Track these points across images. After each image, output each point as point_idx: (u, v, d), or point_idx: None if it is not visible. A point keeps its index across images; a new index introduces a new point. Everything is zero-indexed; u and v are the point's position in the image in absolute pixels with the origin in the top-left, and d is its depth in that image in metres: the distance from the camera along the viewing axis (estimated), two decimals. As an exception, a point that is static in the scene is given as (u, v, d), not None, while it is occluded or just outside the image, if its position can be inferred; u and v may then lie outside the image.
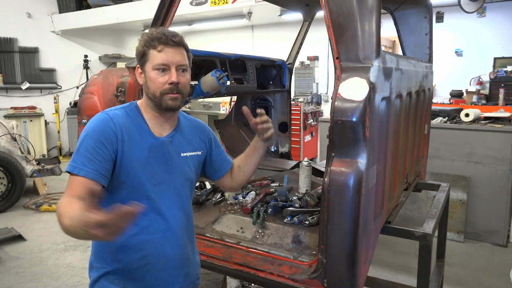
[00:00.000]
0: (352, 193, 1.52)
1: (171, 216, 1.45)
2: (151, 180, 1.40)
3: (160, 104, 1.40)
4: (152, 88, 1.40)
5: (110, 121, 1.36)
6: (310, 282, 1.70)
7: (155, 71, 1.38)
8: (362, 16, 1.57)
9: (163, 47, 1.38)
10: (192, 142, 1.56)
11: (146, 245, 1.41)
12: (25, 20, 8.23)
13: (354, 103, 1.50)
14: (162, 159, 1.43)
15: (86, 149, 1.31)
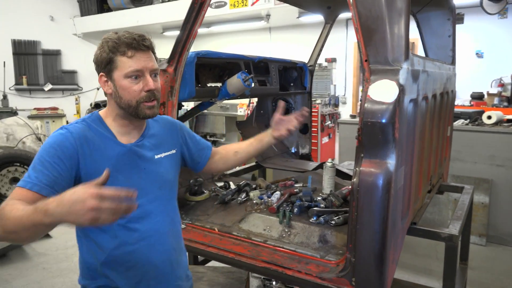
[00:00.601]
0: (382, 193, 1.54)
1: (153, 223, 1.41)
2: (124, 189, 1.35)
3: (137, 114, 1.33)
4: (126, 97, 1.31)
5: (69, 136, 1.28)
6: (338, 280, 1.72)
7: (127, 79, 1.30)
8: (391, 19, 1.60)
9: (134, 52, 1.29)
10: (164, 142, 1.51)
11: (131, 256, 1.36)
12: (48, 23, 8.45)
13: (384, 104, 1.53)
14: (133, 165, 1.38)
15: (41, 164, 1.23)
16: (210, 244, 2.13)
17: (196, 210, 2.43)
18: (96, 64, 1.34)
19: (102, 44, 1.32)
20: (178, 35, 2.16)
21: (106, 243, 1.35)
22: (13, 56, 8.14)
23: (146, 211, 1.39)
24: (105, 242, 1.35)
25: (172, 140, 1.56)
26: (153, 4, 7.43)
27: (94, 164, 1.30)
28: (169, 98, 2.20)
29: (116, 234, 1.34)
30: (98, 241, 1.35)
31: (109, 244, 1.34)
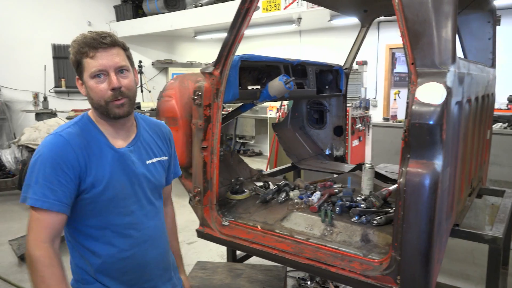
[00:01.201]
0: (429, 193, 1.58)
1: (146, 228, 1.42)
2: (119, 195, 1.34)
3: (108, 113, 1.32)
4: (95, 98, 1.30)
5: (67, 143, 1.27)
6: (382, 278, 1.77)
7: (93, 80, 1.29)
8: (439, 23, 1.63)
9: (95, 52, 1.27)
10: (156, 148, 1.50)
11: (126, 261, 1.37)
12: (86, 28, 8.75)
13: (432, 106, 1.57)
14: (126, 171, 1.37)
15: (45, 178, 1.23)
16: (253, 241, 2.21)
17: (238, 208, 2.52)
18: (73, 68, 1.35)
19: (71, 47, 1.33)
20: (224, 39, 2.25)
21: (101, 251, 1.34)
22: (53, 60, 8.51)
23: (140, 217, 1.40)
24: (100, 250, 1.34)
25: (164, 147, 1.55)
26: (186, 8, 7.62)
27: (92, 171, 1.30)
28: (214, 100, 2.30)
29: (111, 241, 1.34)
30: (92, 248, 1.35)
31: (104, 251, 1.34)
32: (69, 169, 1.26)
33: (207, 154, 2.34)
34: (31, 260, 1.21)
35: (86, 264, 1.36)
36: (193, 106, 2.35)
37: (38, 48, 8.28)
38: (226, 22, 7.03)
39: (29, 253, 1.22)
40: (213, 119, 2.31)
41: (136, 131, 1.46)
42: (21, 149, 5.75)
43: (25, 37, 8.11)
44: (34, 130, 5.85)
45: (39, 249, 1.21)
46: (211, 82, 2.29)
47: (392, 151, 4.86)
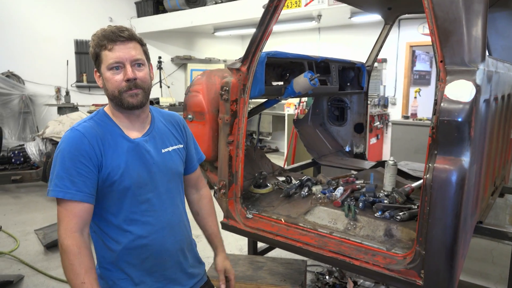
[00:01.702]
0: (456, 189, 1.60)
1: (164, 215, 1.45)
2: (137, 184, 1.38)
3: (122, 103, 1.36)
4: (110, 88, 1.36)
5: (83, 137, 1.33)
6: (406, 272, 1.80)
7: (110, 71, 1.34)
8: (469, 21, 1.65)
9: (113, 45, 1.32)
10: (171, 137, 1.54)
11: (145, 248, 1.41)
12: (107, 24, 8.78)
13: (461, 104, 1.59)
14: (142, 160, 1.41)
15: (65, 171, 1.29)
16: (278, 233, 2.26)
17: (262, 202, 2.58)
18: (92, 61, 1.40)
19: (91, 41, 1.38)
20: (252, 35, 2.30)
21: (120, 237, 1.39)
22: (75, 55, 8.68)
23: (157, 205, 1.44)
24: (120, 236, 1.39)
25: (178, 135, 1.59)
26: (206, 5, 7.68)
27: (109, 162, 1.35)
28: (241, 95, 2.35)
29: (129, 228, 1.39)
30: (112, 235, 1.40)
31: (124, 238, 1.39)
32: (87, 160, 1.32)
33: (233, 148, 2.39)
34: (62, 249, 1.27)
35: (108, 251, 1.41)
36: (220, 101, 2.41)
37: (61, 43, 8.46)
38: (246, 19, 7.12)
39: (60, 242, 1.28)
40: (239, 114, 2.36)
41: (151, 122, 1.51)
42: (45, 142, 5.91)
43: (48, 33, 8.30)
44: (58, 124, 6.01)
45: (68, 239, 1.27)
46: (238, 78, 2.35)
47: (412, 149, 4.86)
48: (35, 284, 3.38)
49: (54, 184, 1.30)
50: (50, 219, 4.79)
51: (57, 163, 1.31)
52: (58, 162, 1.31)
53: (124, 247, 1.39)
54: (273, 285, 2.40)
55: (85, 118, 1.43)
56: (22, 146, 6.05)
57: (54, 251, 3.98)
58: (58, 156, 1.32)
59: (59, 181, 1.29)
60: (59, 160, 1.31)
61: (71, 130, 1.36)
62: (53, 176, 1.31)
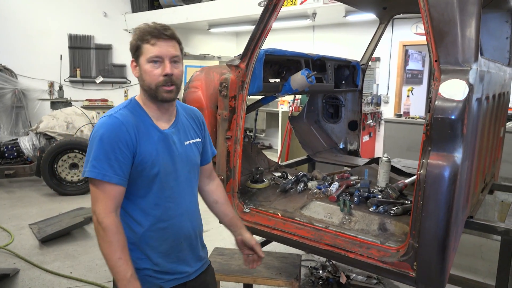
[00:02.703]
0: (448, 184, 1.67)
1: (183, 202, 1.57)
2: (163, 172, 1.49)
3: (156, 96, 1.46)
4: (148, 80, 1.44)
5: (121, 124, 1.41)
6: (399, 264, 1.86)
7: (149, 64, 1.43)
8: (463, 22, 1.71)
9: (156, 40, 1.41)
10: (191, 130, 1.65)
11: (165, 231, 1.52)
12: (101, 19, 8.90)
13: (455, 102, 1.65)
14: (169, 150, 1.51)
15: (106, 156, 1.38)
16: (274, 227, 2.31)
17: (259, 197, 2.62)
18: (130, 51, 1.49)
19: (133, 33, 1.48)
20: (251, 33, 2.34)
21: (144, 220, 1.50)
22: (69, 49, 8.64)
23: (178, 192, 1.56)
24: (143, 219, 1.50)
25: (197, 129, 1.69)
26: (201, 1, 7.69)
27: (143, 149, 1.45)
28: (240, 91, 2.39)
29: (153, 212, 1.50)
30: (136, 217, 1.50)
31: (147, 221, 1.50)
32: (124, 146, 1.41)
33: (231, 144, 2.44)
34: (101, 228, 1.37)
35: (131, 232, 1.50)
36: (219, 97, 2.45)
37: (54, 38, 8.42)
38: (241, 16, 7.15)
39: (99, 221, 1.38)
40: (237, 110, 2.41)
41: (175, 115, 1.61)
42: (39, 136, 5.90)
43: (42, 27, 8.25)
44: (52, 118, 5.99)
45: (107, 218, 1.38)
46: (237, 75, 2.39)
47: (404, 146, 4.94)
48: (31, 277, 3.40)
49: (92, 165, 1.38)
50: (45, 214, 4.80)
51: (95, 146, 1.39)
52: (97, 145, 1.39)
53: (147, 229, 1.50)
54: (268, 278, 2.45)
55: (119, 106, 1.52)
56: (16, 141, 6.03)
57: (49, 245, 4.00)
58: (96, 139, 1.40)
59: (97, 163, 1.38)
60: (98, 144, 1.39)
61: (109, 117, 1.44)
62: (89, 158, 1.40)
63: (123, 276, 1.37)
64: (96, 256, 3.81)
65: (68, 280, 3.36)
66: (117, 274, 1.37)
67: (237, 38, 10.12)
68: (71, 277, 3.39)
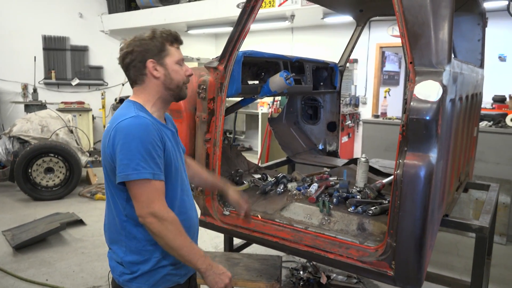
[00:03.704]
0: (424, 183, 1.70)
1: (190, 194, 1.69)
2: (179, 167, 1.59)
3: (180, 94, 1.60)
4: (177, 79, 1.55)
5: (150, 124, 1.45)
6: (378, 263, 1.88)
7: (177, 65, 1.56)
8: (436, 25, 1.74)
9: (178, 45, 1.59)
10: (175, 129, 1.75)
11: (184, 223, 1.54)
12: (77, 20, 8.72)
13: (429, 103, 1.68)
14: (177, 146, 1.63)
15: (149, 155, 1.41)
16: (254, 229, 2.30)
17: (238, 199, 2.61)
18: (145, 51, 1.50)
19: (152, 34, 1.52)
20: (229, 35, 2.33)
21: None
22: (43, 51, 8.41)
23: (187, 185, 1.67)
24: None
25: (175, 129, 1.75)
26: (180, 3, 7.63)
27: (166, 145, 1.52)
28: (218, 94, 2.38)
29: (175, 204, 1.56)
30: None
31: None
32: (160, 144, 1.47)
33: (210, 146, 2.42)
34: (169, 222, 1.42)
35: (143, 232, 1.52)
36: (197, 100, 2.43)
37: (28, 39, 8.19)
38: (219, 18, 7.12)
39: (164, 217, 1.41)
40: (216, 113, 2.39)
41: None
42: (12, 140, 5.72)
43: (15, 27, 8.01)
44: (26, 122, 5.83)
45: (169, 212, 1.45)
46: (215, 77, 2.37)
47: (382, 147, 5.02)
48: (5, 286, 3.29)
49: (141, 167, 1.39)
50: (19, 220, 4.66)
51: (137, 147, 1.39)
52: (139, 146, 1.39)
53: None
54: (249, 280, 2.44)
55: (131, 108, 1.49)
56: (-12, 145, 5.83)
57: (24, 252, 3.88)
58: (135, 140, 1.40)
59: (145, 164, 1.39)
60: (140, 144, 1.39)
61: (137, 117, 1.44)
62: (132, 160, 1.39)
63: (199, 255, 1.47)
64: (73, 262, 3.72)
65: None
66: (195, 255, 1.45)
67: (216, 40, 10.08)
68: (47, 285, 3.30)
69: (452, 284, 2.44)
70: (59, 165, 5.55)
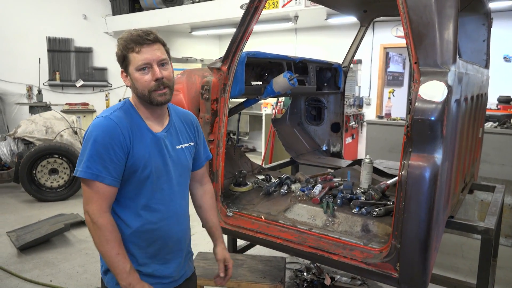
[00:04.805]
0: (429, 185, 1.68)
1: (173, 205, 1.58)
2: (154, 174, 1.50)
3: (151, 101, 1.47)
4: (140, 88, 1.46)
5: (116, 126, 1.43)
6: (382, 265, 1.87)
7: (138, 72, 1.44)
8: (441, 25, 1.73)
9: (140, 47, 1.43)
10: (184, 134, 1.66)
11: (153, 233, 1.53)
12: (81, 21, 8.76)
13: (434, 103, 1.67)
14: (161, 153, 1.53)
15: (100, 157, 1.39)
16: (258, 230, 2.30)
17: (242, 200, 2.61)
18: (118, 62, 1.51)
19: (117, 43, 1.49)
20: (232, 36, 2.32)
21: (132, 221, 1.50)
22: (48, 52, 8.47)
23: (169, 195, 1.57)
24: (132, 220, 1.50)
25: (191, 133, 1.70)
26: (183, 4, 7.64)
27: (136, 151, 1.47)
28: (222, 94, 2.37)
29: (142, 213, 1.51)
30: (125, 218, 1.50)
31: (135, 222, 1.51)
32: (119, 148, 1.43)
33: (213, 147, 2.41)
34: (97, 227, 1.40)
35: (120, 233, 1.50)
36: (200, 100, 2.43)
37: (33, 40, 8.24)
38: (223, 19, 7.13)
39: (94, 221, 1.40)
40: (220, 113, 2.39)
41: (168, 118, 1.62)
42: (17, 142, 5.75)
43: (20, 29, 8.06)
44: (31, 123, 5.85)
45: (102, 218, 1.41)
46: (218, 77, 2.37)
47: (386, 148, 5.00)
48: (9, 287, 3.30)
49: (86, 166, 1.40)
50: (23, 221, 4.67)
51: (90, 147, 1.41)
52: (91, 146, 1.40)
53: (135, 230, 1.50)
54: (253, 282, 2.43)
55: (114, 107, 1.53)
56: (-7, 146, 5.86)
57: (28, 253, 3.89)
58: (90, 140, 1.41)
59: (91, 164, 1.39)
60: (92, 145, 1.40)
61: (104, 118, 1.45)
62: (83, 158, 1.41)
63: (122, 270, 1.41)
64: (76, 263, 3.73)
65: (47, 289, 3.28)
66: (116, 268, 1.41)
67: (220, 41, 10.09)
68: (51, 285, 3.31)
69: (458, 286, 2.41)
70: (63, 166, 5.57)
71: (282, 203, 2.50)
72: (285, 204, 2.48)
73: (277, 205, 2.50)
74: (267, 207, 2.49)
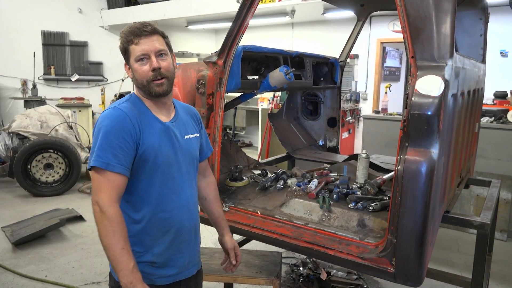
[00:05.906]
0: (425, 179, 1.68)
1: (184, 194, 1.60)
2: (165, 163, 1.52)
3: (149, 92, 1.51)
4: (139, 78, 1.50)
5: (125, 115, 1.46)
6: (378, 260, 1.87)
7: (137, 63, 1.49)
8: (438, 19, 1.72)
9: (139, 39, 1.47)
10: (190, 126, 1.70)
11: (167, 222, 1.55)
12: (76, 15, 8.68)
13: (431, 98, 1.66)
14: (171, 142, 1.56)
15: (109, 145, 1.41)
16: (254, 225, 2.29)
17: (238, 195, 2.60)
18: (122, 55, 1.54)
19: (120, 38, 1.53)
20: (228, 29, 2.30)
21: (145, 210, 1.52)
22: (42, 46, 8.39)
23: (179, 184, 1.59)
24: (145, 210, 1.52)
25: (195, 125, 1.74)
26: (179, -2, 7.59)
27: (146, 139, 1.49)
28: (217, 89, 2.36)
29: (155, 202, 1.52)
30: (138, 207, 1.52)
31: (148, 211, 1.52)
32: (129, 137, 1.45)
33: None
34: (106, 217, 1.37)
35: (132, 223, 1.51)
36: (196, 95, 2.41)
37: (27, 34, 8.16)
38: (219, 13, 7.08)
39: (104, 210, 1.38)
40: (215, 108, 2.37)
41: (174, 110, 1.66)
42: (11, 136, 5.71)
43: (14, 23, 7.99)
44: (26, 117, 5.82)
45: (112, 207, 1.39)
46: (214, 72, 2.35)
47: (383, 143, 4.99)
48: (3, 282, 3.28)
49: (96, 155, 1.42)
50: (18, 216, 4.65)
51: (101, 137, 1.43)
52: (102, 136, 1.43)
53: (149, 220, 1.52)
54: (249, 277, 2.43)
55: (121, 100, 1.56)
56: (-13, 141, 5.82)
57: (23, 248, 3.87)
58: (101, 130, 1.44)
59: (102, 153, 1.41)
60: (103, 135, 1.43)
61: (113, 109, 1.49)
62: (94, 149, 1.44)
63: (125, 266, 1.36)
64: (72, 258, 3.72)
65: (42, 284, 3.27)
66: (119, 264, 1.36)
67: (216, 35, 10.03)
68: (46, 281, 3.30)
69: (453, 280, 2.42)
70: (58, 161, 5.54)
71: (278, 198, 2.49)
72: (281, 199, 2.47)
73: (273, 200, 2.49)
74: (263, 202, 2.48)
